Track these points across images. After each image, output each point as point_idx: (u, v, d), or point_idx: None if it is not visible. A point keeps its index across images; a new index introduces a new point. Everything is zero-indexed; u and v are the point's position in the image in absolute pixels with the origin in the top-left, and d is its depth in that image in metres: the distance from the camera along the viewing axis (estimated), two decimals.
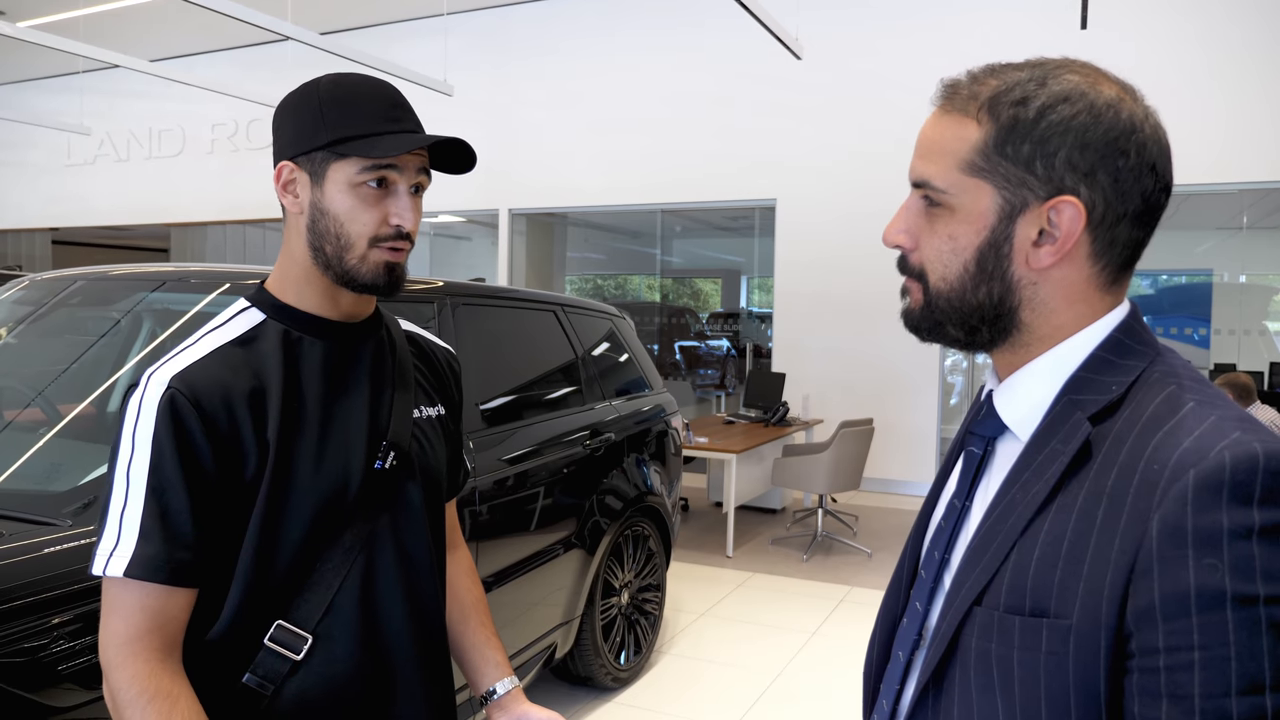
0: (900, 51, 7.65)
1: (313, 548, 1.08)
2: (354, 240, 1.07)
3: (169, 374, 1.04)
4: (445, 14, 9.17)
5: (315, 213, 1.08)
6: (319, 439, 1.09)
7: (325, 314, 1.14)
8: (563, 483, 3.26)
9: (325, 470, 1.09)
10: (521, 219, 9.77)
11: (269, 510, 1.05)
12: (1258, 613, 0.60)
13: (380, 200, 1.08)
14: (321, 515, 1.08)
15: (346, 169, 1.06)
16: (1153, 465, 0.66)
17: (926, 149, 0.79)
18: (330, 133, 1.06)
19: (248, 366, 1.08)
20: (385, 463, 1.13)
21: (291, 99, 1.11)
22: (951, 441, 0.91)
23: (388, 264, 1.09)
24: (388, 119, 1.08)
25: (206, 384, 1.04)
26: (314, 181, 1.08)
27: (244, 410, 1.05)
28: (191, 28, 10.02)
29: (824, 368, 8.04)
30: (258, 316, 1.13)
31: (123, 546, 1.00)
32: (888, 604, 0.91)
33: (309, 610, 1.08)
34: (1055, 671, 0.67)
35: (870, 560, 5.70)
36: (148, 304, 2.74)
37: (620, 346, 4.15)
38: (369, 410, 1.15)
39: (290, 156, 1.09)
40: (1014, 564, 0.71)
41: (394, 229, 1.08)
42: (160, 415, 1.02)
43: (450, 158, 1.15)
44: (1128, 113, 0.73)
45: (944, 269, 0.78)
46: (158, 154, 11.45)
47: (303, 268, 1.12)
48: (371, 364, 1.18)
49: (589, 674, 3.52)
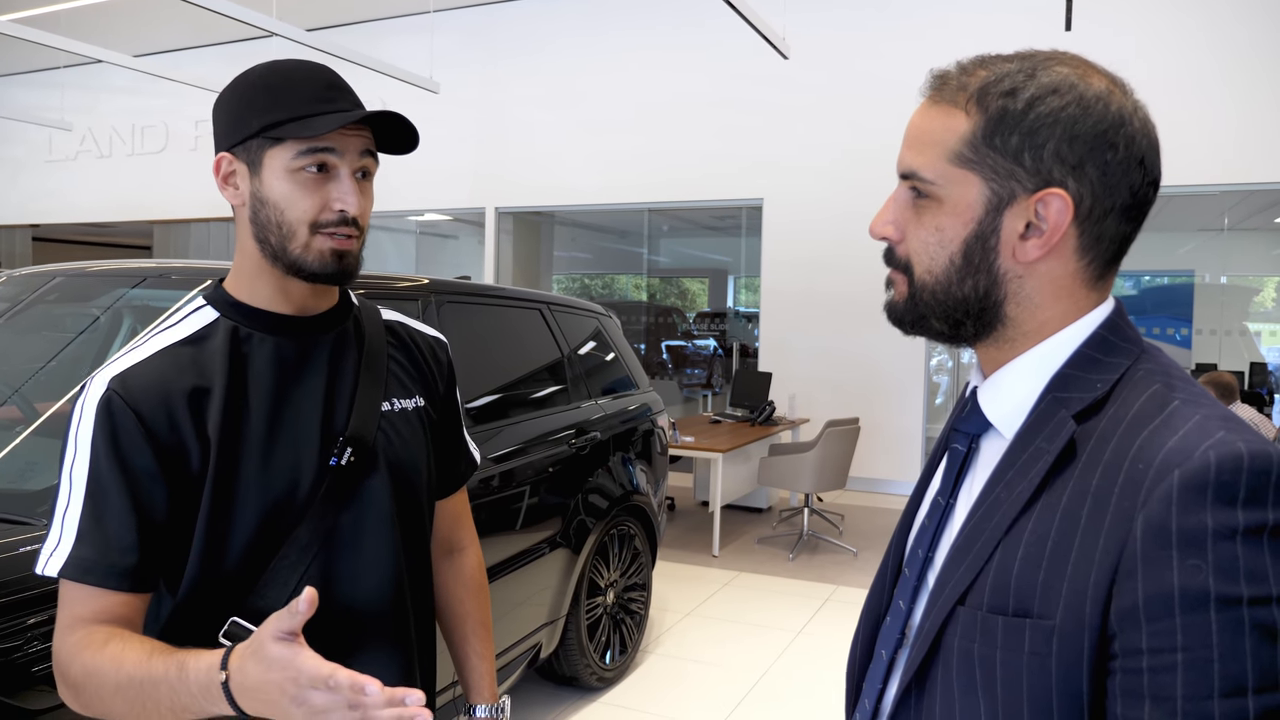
0: (886, 51, 7.67)
1: (264, 544, 1.06)
2: (295, 228, 1.04)
3: (109, 376, 1.03)
4: (432, 11, 9.13)
5: (256, 203, 1.05)
6: (266, 437, 1.07)
7: (278, 308, 1.11)
8: (548, 482, 3.24)
9: (273, 468, 1.07)
10: (508, 218, 9.74)
11: (214, 508, 1.04)
12: (1241, 614, 0.60)
13: (321, 185, 1.04)
14: (271, 513, 1.06)
15: (282, 154, 1.03)
16: (1138, 464, 0.65)
17: (914, 139, 0.78)
18: (261, 118, 1.02)
19: (194, 366, 1.06)
20: (341, 459, 1.10)
21: (225, 90, 1.08)
22: (936, 439, 0.90)
23: (335, 251, 1.05)
24: (321, 99, 1.04)
25: (145, 385, 1.02)
26: (252, 171, 1.05)
27: (184, 411, 1.03)
28: (176, 23, 9.94)
29: (810, 367, 8.05)
30: (210, 315, 1.11)
31: (61, 547, 0.99)
32: (871, 602, 0.90)
33: (265, 606, 1.05)
34: (1038, 672, 0.67)
35: (856, 559, 5.71)
36: (127, 300, 2.70)
37: (607, 345, 4.13)
38: (324, 405, 1.12)
39: (227, 148, 1.06)
40: (998, 563, 0.70)
41: (337, 214, 1.04)
42: (99, 418, 1.00)
43: (396, 138, 1.11)
44: (1117, 105, 0.73)
45: (930, 261, 0.77)
46: (140, 150, 11.35)
47: (253, 261, 1.09)
48: (330, 358, 1.14)
49: (574, 674, 3.51)
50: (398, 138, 1.11)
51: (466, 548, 1.39)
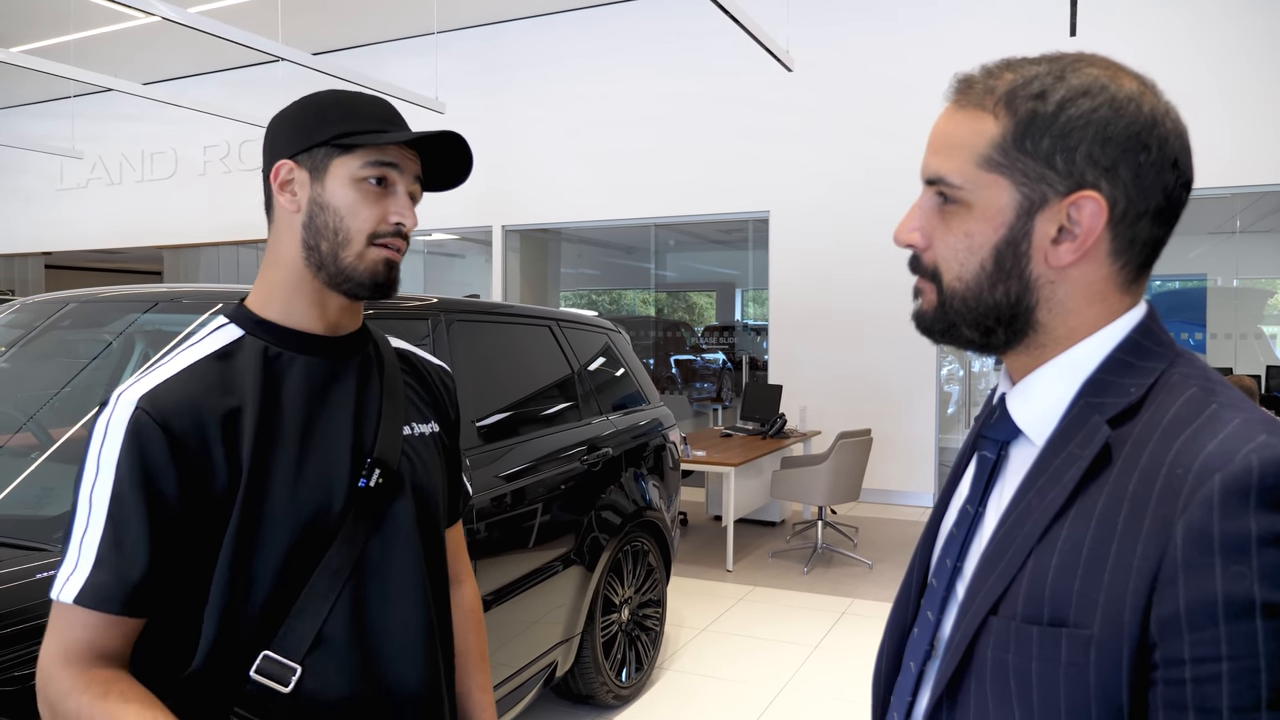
0: (891, 62, 7.68)
1: (295, 572, 1.04)
2: (353, 236, 1.07)
3: (137, 394, 1.00)
4: (436, 33, 9.19)
5: (314, 209, 1.07)
6: (298, 458, 1.05)
7: (309, 328, 1.11)
8: (561, 499, 3.23)
9: (304, 490, 1.05)
10: (515, 235, 9.76)
11: (242, 534, 1.01)
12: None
13: (380, 198, 1.08)
14: (302, 538, 1.04)
15: (349, 164, 1.06)
16: (1176, 469, 0.64)
17: (941, 144, 0.76)
18: (334, 128, 1.07)
19: (222, 383, 1.04)
20: (370, 481, 1.09)
21: (290, 107, 1.11)
22: (962, 446, 0.89)
23: (387, 261, 1.09)
24: (388, 121, 1.10)
25: (176, 403, 1.00)
26: (314, 178, 1.07)
27: (216, 429, 1.01)
28: (182, 50, 10.04)
29: (820, 379, 8.02)
30: (235, 333, 1.09)
31: (78, 573, 0.97)
32: (897, 614, 0.88)
33: (296, 639, 1.03)
34: (1075, 683, 0.65)
35: (871, 571, 5.67)
36: (140, 325, 2.71)
37: (616, 361, 4.13)
38: (353, 427, 1.11)
39: (289, 155, 1.08)
40: (1031, 572, 0.69)
41: (394, 226, 1.08)
42: (126, 439, 0.98)
43: (442, 173, 1.16)
44: (1149, 107, 0.72)
45: (959, 268, 0.75)
46: (150, 177, 11.44)
47: (291, 273, 1.09)
48: (357, 380, 1.14)
49: (590, 692, 3.48)
50: (440, 174, 1.16)
51: (464, 580, 1.37)
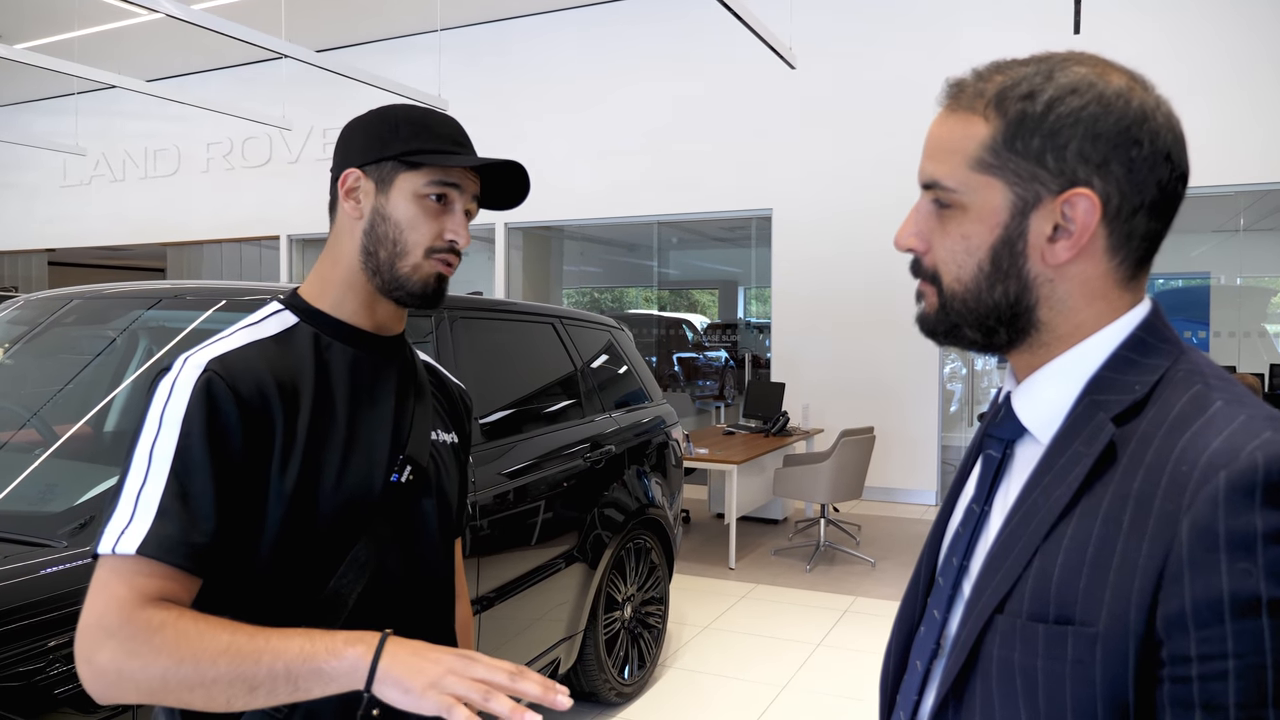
0: (894, 60, 7.67)
1: (327, 557, 1.07)
2: (410, 249, 1.11)
3: (207, 358, 1.03)
4: (439, 30, 9.19)
5: (376, 218, 1.12)
6: (345, 445, 1.09)
7: (359, 323, 1.15)
8: (563, 496, 3.23)
9: (349, 476, 1.09)
10: (518, 233, 9.77)
11: (292, 511, 1.04)
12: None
13: (439, 215, 1.12)
14: (339, 522, 1.07)
15: (415, 180, 1.11)
16: (1181, 466, 0.64)
17: (934, 149, 0.77)
18: (404, 144, 1.11)
19: (283, 362, 1.08)
20: (402, 476, 1.13)
21: (365, 116, 1.16)
22: (969, 445, 0.89)
23: (439, 275, 1.14)
24: (455, 142, 1.14)
25: (245, 371, 1.04)
26: (379, 189, 1.12)
27: (278, 402, 1.05)
28: (186, 47, 10.04)
29: (823, 377, 8.02)
30: (290, 319, 1.14)
31: (137, 525, 0.95)
32: (904, 612, 0.88)
33: (327, 627, 1.04)
34: (1081, 681, 0.65)
35: (874, 570, 5.67)
36: (143, 322, 2.72)
37: (619, 358, 4.13)
38: (393, 423, 1.15)
39: (358, 164, 1.13)
40: (1037, 570, 0.69)
41: (448, 243, 1.13)
42: (195, 396, 1.00)
43: (498, 194, 1.21)
44: (1138, 101, 0.72)
45: (958, 269, 0.76)
46: (153, 174, 11.45)
47: (348, 272, 1.14)
48: (398, 379, 1.19)
49: (593, 689, 3.49)
50: (497, 194, 1.20)
51: (460, 598, 1.38)
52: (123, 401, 2.49)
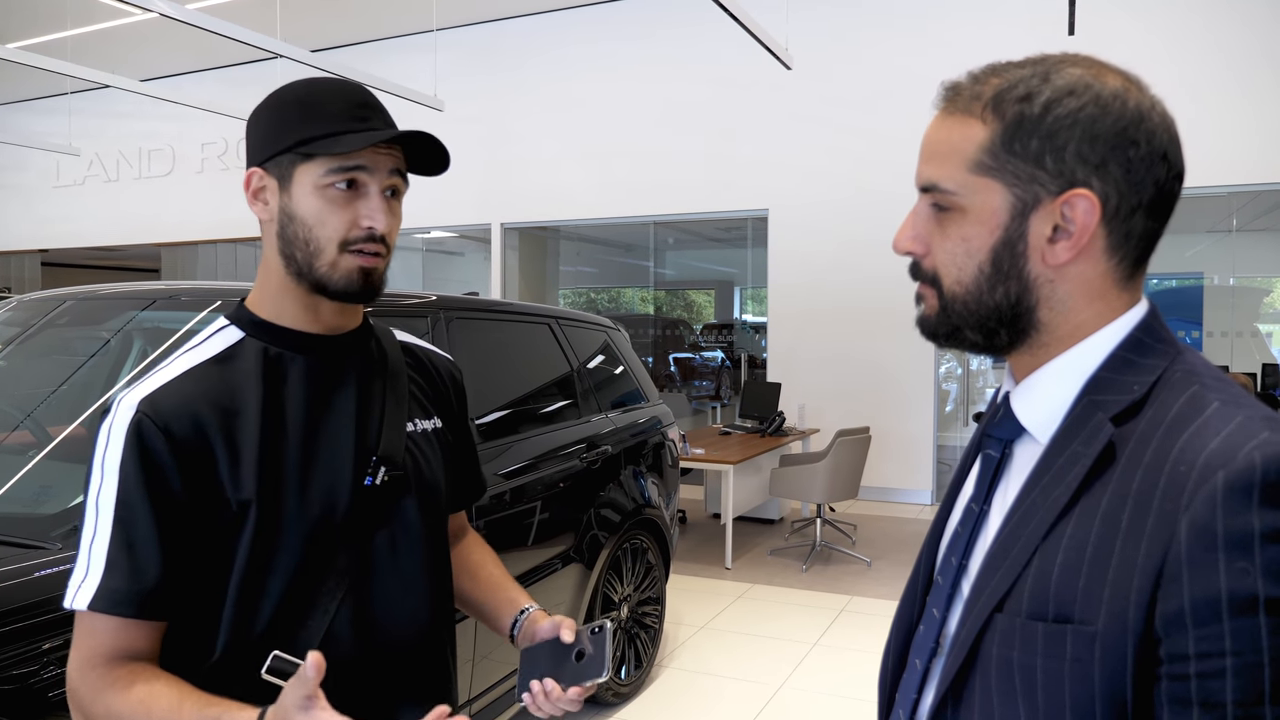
0: (890, 60, 7.68)
1: (306, 573, 1.04)
2: (323, 245, 1.03)
3: (137, 398, 1.01)
4: (435, 29, 9.18)
5: (284, 218, 1.04)
6: (303, 459, 1.05)
7: (306, 327, 1.09)
8: (560, 497, 3.23)
9: (312, 491, 1.05)
10: (514, 233, 9.76)
11: (257, 540, 1.01)
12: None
13: (350, 202, 1.03)
14: (313, 539, 1.05)
15: (313, 171, 1.02)
16: (1179, 466, 0.64)
17: (932, 152, 0.77)
18: (294, 135, 1.02)
19: (224, 385, 1.04)
20: (376, 479, 1.09)
21: (260, 106, 1.08)
22: (967, 445, 0.89)
23: (362, 269, 1.04)
24: (353, 118, 1.03)
25: (176, 406, 1.00)
26: (282, 187, 1.04)
27: (217, 432, 1.01)
28: (180, 47, 10.02)
29: (819, 377, 8.02)
30: (236, 335, 1.09)
31: (90, 579, 0.97)
32: (903, 611, 0.89)
33: (308, 636, 1.04)
34: (1080, 679, 0.65)
35: (870, 569, 5.67)
36: (138, 323, 2.71)
37: (615, 359, 4.13)
38: (356, 426, 1.11)
39: (258, 163, 1.05)
40: (1036, 569, 0.69)
41: (365, 231, 1.03)
42: (128, 442, 0.98)
43: (426, 158, 1.10)
44: (1134, 102, 0.72)
45: (958, 272, 0.76)
46: (148, 174, 11.42)
47: (279, 279, 1.08)
48: (358, 378, 1.14)
49: None
50: (427, 159, 1.10)
51: (467, 528, 1.41)
52: None
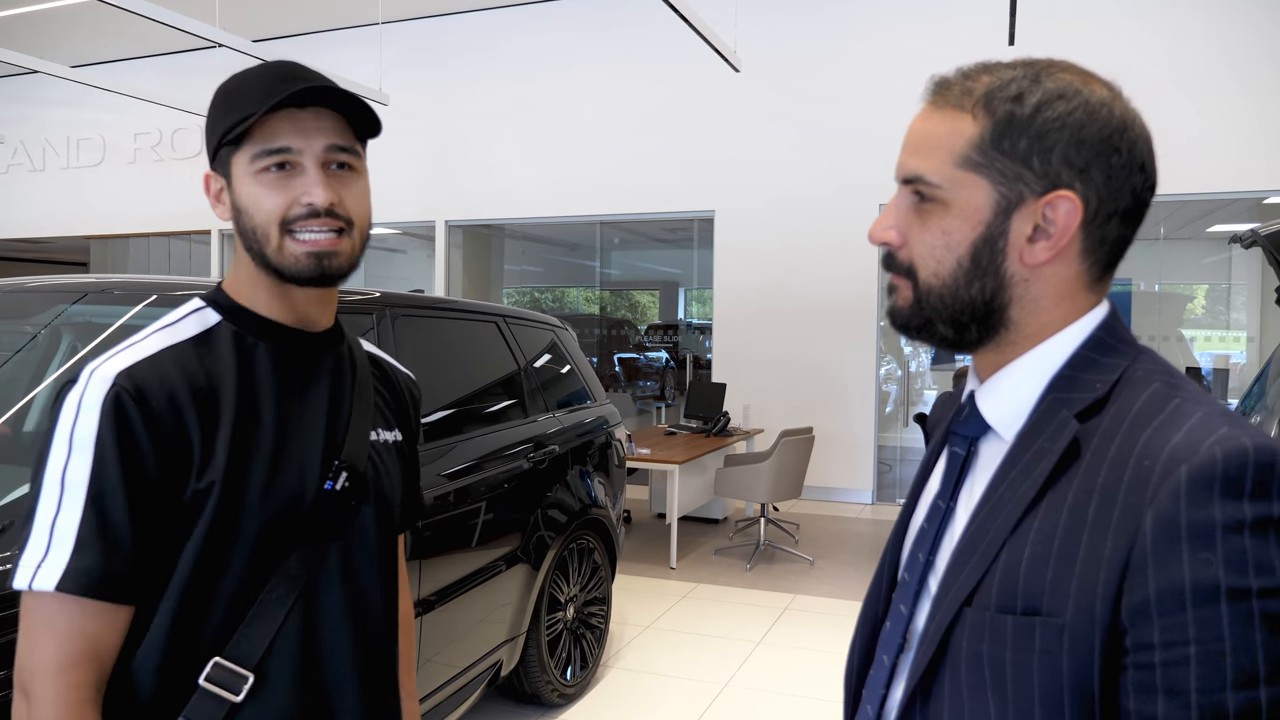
0: (836, 66, 7.78)
1: (258, 572, 1.00)
2: (267, 230, 1.00)
3: (113, 370, 0.95)
4: (381, 23, 9.04)
5: (235, 213, 1.03)
6: (274, 451, 1.02)
7: (280, 318, 1.07)
8: (506, 497, 3.19)
9: (278, 485, 1.01)
10: (458, 231, 9.65)
11: (215, 527, 0.97)
12: (1251, 606, 0.60)
13: (284, 182, 1.00)
14: (269, 536, 1.01)
15: (242, 159, 1.00)
16: (1144, 461, 0.66)
17: (918, 144, 0.77)
18: (222, 126, 1.01)
19: (200, 367, 1.00)
20: (337, 484, 1.05)
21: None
22: (930, 444, 0.90)
23: (309, 254, 1.00)
24: (270, 93, 0.98)
25: (154, 383, 0.96)
26: (229, 182, 1.03)
27: (193, 414, 0.97)
28: (115, 34, 9.71)
29: (763, 378, 8.09)
30: (212, 317, 1.06)
31: (54, 558, 0.91)
32: (868, 608, 0.89)
33: (251, 646, 0.99)
34: (1049, 670, 0.67)
35: (812, 568, 5.73)
36: (67, 317, 2.61)
37: (563, 358, 4.10)
38: (325, 425, 1.08)
39: (210, 164, 1.05)
40: (1004, 563, 0.70)
41: (305, 208, 0.99)
42: (104, 415, 0.93)
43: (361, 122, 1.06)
44: (1120, 111, 0.74)
45: (936, 265, 0.77)
46: (76, 164, 11.04)
47: (249, 269, 1.06)
48: (331, 378, 1.11)
49: (535, 691, 3.46)
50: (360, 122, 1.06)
51: (402, 589, 1.34)
52: (44, 400, 2.39)
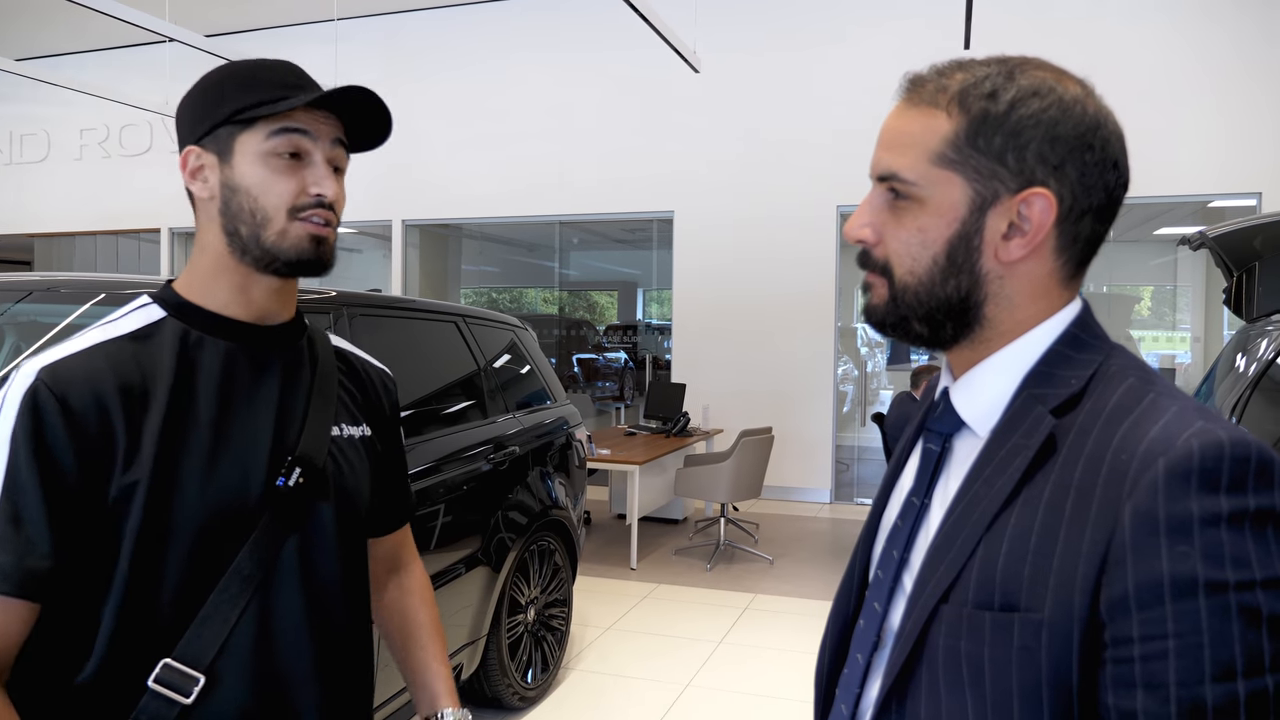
0: (795, 68, 7.84)
1: (203, 573, 0.98)
2: (271, 214, 1.00)
3: (37, 366, 0.94)
4: (336, 19, 8.92)
5: (226, 193, 1.01)
6: (211, 448, 0.99)
7: (234, 314, 1.05)
8: (466, 499, 3.16)
9: (216, 483, 0.99)
10: (415, 231, 9.56)
11: (148, 526, 0.95)
12: (1228, 599, 0.60)
13: (295, 170, 1.01)
14: (211, 535, 0.98)
15: (254, 138, 1.00)
16: (1120, 455, 0.66)
17: (892, 141, 0.77)
18: (232, 104, 1.00)
19: (135, 363, 0.98)
20: (289, 479, 1.03)
21: (191, 89, 1.05)
22: (900, 441, 0.90)
23: (313, 236, 1.01)
24: (290, 86, 1.01)
25: (78, 378, 0.94)
26: (222, 161, 1.01)
27: (119, 410, 0.95)
28: (60, 26, 9.46)
29: (722, 378, 8.12)
30: (156, 313, 1.04)
31: None
32: (838, 606, 0.89)
33: (202, 646, 0.97)
34: (1027, 666, 0.67)
35: (772, 567, 5.76)
36: (11, 316, 2.53)
37: (523, 358, 4.08)
38: (275, 422, 1.05)
39: (194, 140, 1.03)
40: (981, 559, 0.70)
41: (314, 197, 1.01)
42: (21, 412, 0.92)
43: (365, 132, 1.08)
44: (1093, 109, 0.75)
45: (912, 262, 0.77)
46: (19, 160, 10.73)
47: (214, 258, 1.04)
48: (284, 372, 1.08)
49: (495, 695, 3.42)
50: (365, 133, 1.08)
51: (411, 562, 1.35)
52: None
